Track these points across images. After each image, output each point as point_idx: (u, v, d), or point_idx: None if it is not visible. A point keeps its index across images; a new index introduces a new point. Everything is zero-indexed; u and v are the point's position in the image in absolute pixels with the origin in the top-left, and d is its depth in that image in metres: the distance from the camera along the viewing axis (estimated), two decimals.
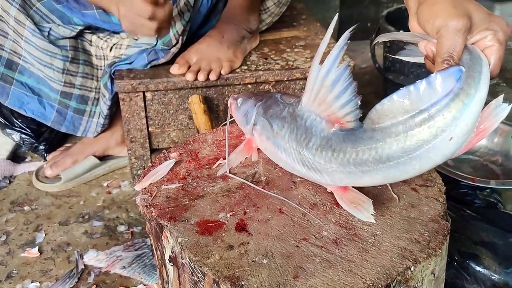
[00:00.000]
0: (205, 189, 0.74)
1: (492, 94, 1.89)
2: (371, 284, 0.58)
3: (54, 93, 1.24)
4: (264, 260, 0.61)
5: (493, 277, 1.00)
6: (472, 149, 1.44)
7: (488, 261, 1.01)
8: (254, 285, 0.58)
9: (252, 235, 0.65)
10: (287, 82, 1.25)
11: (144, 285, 1.06)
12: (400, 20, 1.67)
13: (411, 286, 0.63)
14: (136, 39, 1.25)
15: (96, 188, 1.36)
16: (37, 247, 1.15)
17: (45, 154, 1.45)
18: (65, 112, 1.27)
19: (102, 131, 1.35)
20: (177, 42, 1.19)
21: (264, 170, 0.77)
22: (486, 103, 0.68)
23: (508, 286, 0.98)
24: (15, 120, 1.43)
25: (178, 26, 1.18)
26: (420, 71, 1.53)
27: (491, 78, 0.68)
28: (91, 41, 1.26)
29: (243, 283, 0.58)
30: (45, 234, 1.20)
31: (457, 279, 1.02)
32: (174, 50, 1.20)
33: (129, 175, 1.39)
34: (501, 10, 2.83)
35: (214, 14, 1.28)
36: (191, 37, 1.26)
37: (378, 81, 1.92)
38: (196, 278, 0.63)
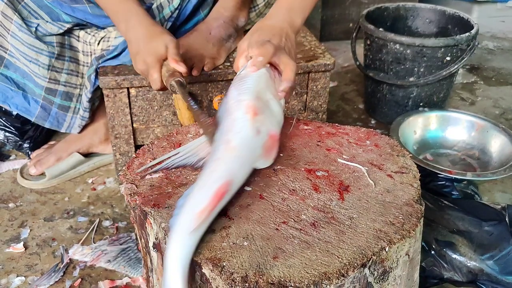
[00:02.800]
0: (188, 177, 0.76)
1: (471, 91, 1.94)
2: (347, 263, 0.61)
3: (39, 89, 1.24)
4: (245, 242, 0.63)
5: (468, 264, 1.03)
6: (451, 143, 1.49)
7: (464, 248, 1.04)
8: (236, 266, 0.60)
9: (233, 219, 0.67)
10: None
11: (129, 277, 1.07)
12: (379, 19, 1.72)
13: (386, 266, 0.65)
14: None
15: (81, 184, 1.37)
16: (22, 243, 1.15)
17: (30, 152, 1.45)
18: (50, 108, 1.27)
19: (86, 128, 1.36)
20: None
21: None
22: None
23: (483, 272, 1.02)
24: None
25: (166, 12, 1.19)
26: (399, 68, 1.57)
27: None
28: (78, 36, 1.27)
29: (224, 264, 0.60)
30: (30, 230, 1.20)
31: (435, 267, 1.05)
32: None
33: (114, 172, 1.40)
34: (479, 11, 2.89)
35: (203, 7, 1.28)
36: (177, 29, 1.28)
37: (360, 79, 1.96)
38: None
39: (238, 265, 0.60)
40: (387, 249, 0.64)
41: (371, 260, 0.62)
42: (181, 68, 0.99)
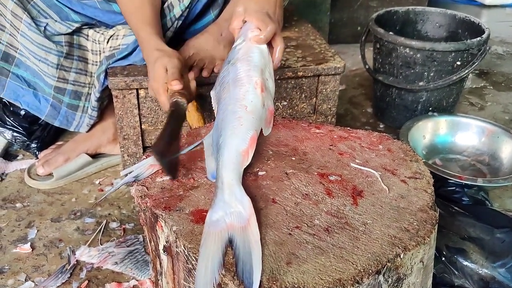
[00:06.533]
0: (199, 180, 0.76)
1: (480, 96, 1.92)
2: (362, 270, 0.60)
3: (48, 88, 1.24)
4: None
5: (480, 272, 1.02)
6: (460, 148, 1.48)
7: (476, 256, 1.03)
8: None
9: None
10: (278, 81, 1.26)
11: (136, 280, 1.07)
12: (388, 22, 1.71)
13: (400, 273, 0.64)
14: None
15: (88, 185, 1.37)
16: (29, 243, 1.15)
17: (37, 152, 1.45)
18: (59, 107, 1.27)
19: (94, 127, 1.36)
20: (172, 26, 1.21)
21: (257, 162, 0.78)
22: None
23: (494, 280, 1.00)
24: (7, 118, 1.43)
25: (176, 10, 1.19)
26: (409, 72, 1.56)
27: None
28: (87, 35, 1.27)
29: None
30: (37, 231, 1.20)
31: (446, 274, 1.04)
32: (169, 33, 1.21)
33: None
34: (488, 16, 2.88)
35: (213, 7, 1.27)
36: (186, 29, 1.27)
37: (368, 83, 1.95)
38: (190, 266, 0.64)
39: None
40: (402, 256, 0.63)
41: (385, 267, 0.61)
42: (176, 87, 0.98)
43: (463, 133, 1.49)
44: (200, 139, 0.87)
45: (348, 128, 0.91)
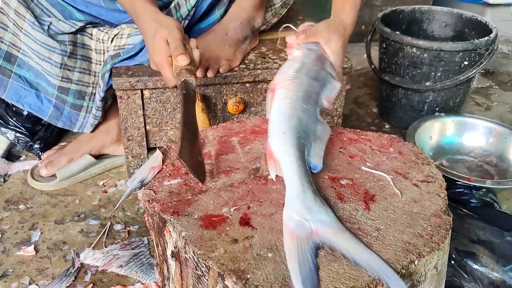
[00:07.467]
0: (208, 184, 0.74)
1: (486, 96, 1.90)
2: (376, 277, 0.58)
3: (52, 88, 1.23)
4: (269, 253, 0.61)
5: (490, 275, 1.00)
6: (467, 149, 1.46)
7: (486, 259, 1.02)
8: (260, 279, 0.57)
9: (256, 229, 0.65)
10: None
11: (142, 283, 1.05)
12: (394, 22, 1.69)
13: (414, 280, 0.63)
14: (136, 28, 1.24)
15: (92, 187, 1.35)
16: (32, 246, 1.13)
17: (40, 153, 1.44)
18: (62, 108, 1.26)
19: (98, 128, 1.34)
20: None
21: (266, 165, 0.77)
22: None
23: (505, 284, 0.99)
24: (10, 119, 1.41)
25: (183, 10, 1.18)
26: (416, 72, 1.54)
27: None
28: (91, 34, 1.25)
29: (248, 277, 0.58)
30: (41, 233, 1.18)
31: (455, 278, 1.02)
32: None
33: (125, 174, 1.38)
34: (492, 15, 2.86)
35: (218, 6, 1.26)
36: (192, 28, 1.26)
37: (373, 82, 1.93)
38: (200, 272, 0.62)
39: (263, 277, 0.58)
40: (416, 263, 0.61)
41: (400, 274, 0.60)
42: (183, 62, 0.92)
43: (470, 134, 1.47)
44: (207, 141, 0.85)
45: (358, 130, 0.90)
